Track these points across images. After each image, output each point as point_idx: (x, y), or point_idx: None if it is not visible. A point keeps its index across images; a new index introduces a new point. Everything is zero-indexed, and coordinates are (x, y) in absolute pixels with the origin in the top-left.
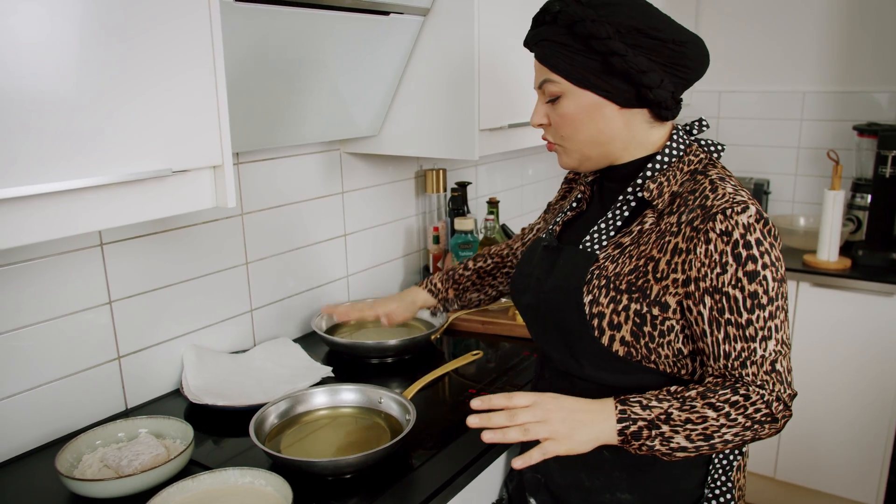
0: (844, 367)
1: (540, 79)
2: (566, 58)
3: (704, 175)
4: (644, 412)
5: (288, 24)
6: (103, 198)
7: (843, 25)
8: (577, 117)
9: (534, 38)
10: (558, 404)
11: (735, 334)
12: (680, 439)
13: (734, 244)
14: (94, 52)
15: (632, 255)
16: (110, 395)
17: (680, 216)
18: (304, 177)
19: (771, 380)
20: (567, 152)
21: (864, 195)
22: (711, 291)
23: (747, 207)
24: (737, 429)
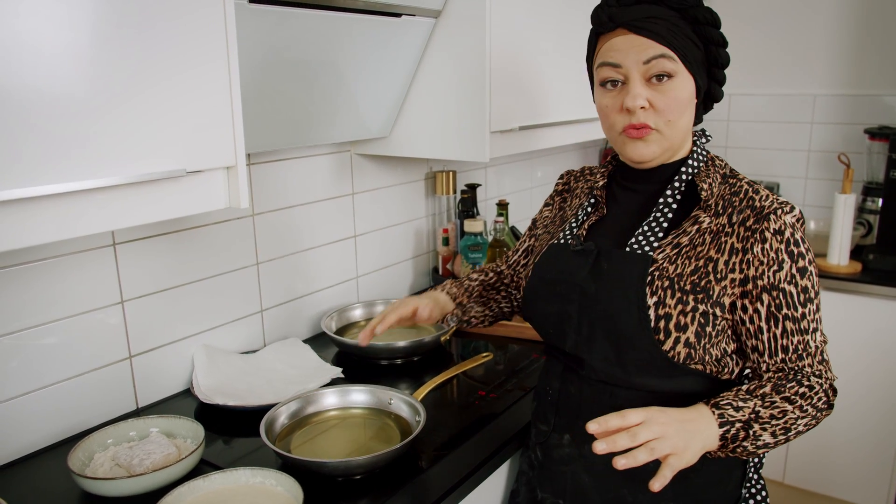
0: (855, 372)
1: (651, 54)
2: (679, 38)
3: (734, 178)
4: (738, 413)
5: (300, 26)
6: (117, 198)
7: (853, 28)
8: (685, 102)
9: (641, 14)
10: (668, 417)
11: (792, 328)
12: (767, 437)
13: (787, 242)
14: (109, 53)
15: (690, 256)
16: (122, 394)
17: (730, 217)
18: (314, 178)
19: (824, 368)
20: (662, 139)
21: (875, 199)
22: (769, 288)
23: (793, 208)
24: (807, 419)
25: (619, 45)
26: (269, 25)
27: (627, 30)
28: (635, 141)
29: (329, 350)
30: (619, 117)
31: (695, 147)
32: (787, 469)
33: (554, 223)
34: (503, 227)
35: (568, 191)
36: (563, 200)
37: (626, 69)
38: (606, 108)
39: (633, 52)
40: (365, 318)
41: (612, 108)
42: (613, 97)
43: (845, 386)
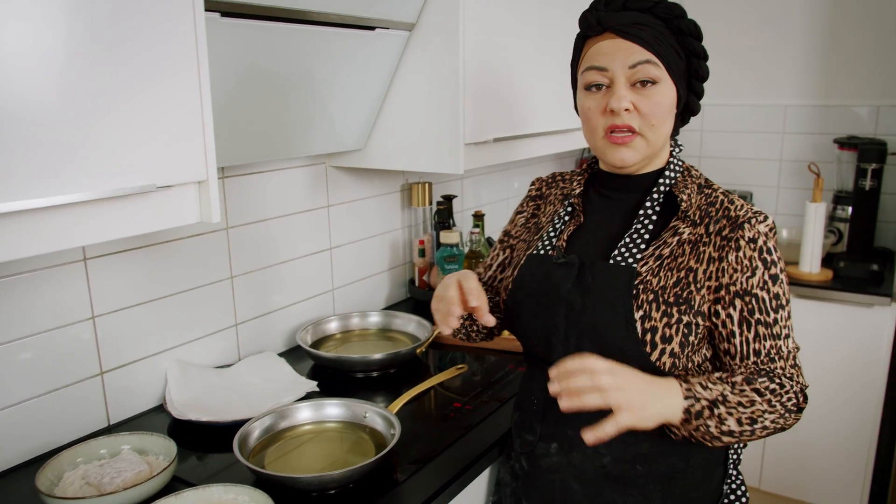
0: (828, 377)
1: (636, 59)
2: (664, 47)
3: (710, 188)
4: (706, 392)
5: (274, 39)
6: (87, 214)
7: (822, 41)
8: (667, 109)
9: (629, 20)
10: (633, 374)
11: (765, 333)
12: (731, 422)
13: (759, 250)
14: (78, 68)
15: (671, 268)
16: (93, 411)
17: (707, 227)
18: (289, 191)
19: (796, 372)
20: (645, 144)
21: (844, 207)
22: (742, 294)
23: (766, 217)
24: (775, 415)
25: (605, 49)
26: (243, 39)
27: (615, 34)
28: (618, 146)
29: (305, 363)
30: (603, 119)
31: (671, 157)
32: (764, 474)
33: (529, 231)
34: (479, 238)
35: (541, 197)
36: (537, 207)
37: (611, 73)
38: (590, 109)
39: (619, 56)
40: (340, 331)
41: (595, 110)
42: (597, 99)
43: (818, 392)
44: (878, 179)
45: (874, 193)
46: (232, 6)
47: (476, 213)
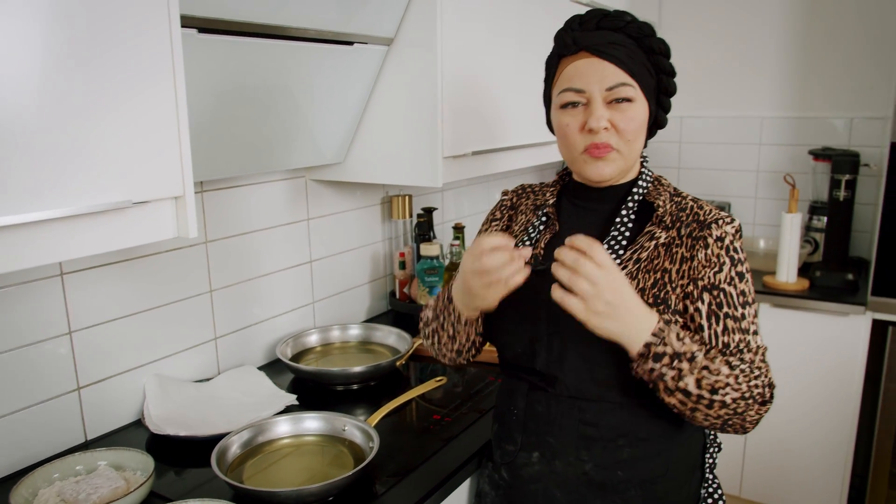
0: (805, 386)
1: (614, 80)
2: (638, 66)
3: (679, 196)
4: (677, 343)
5: (252, 55)
6: (62, 230)
7: (797, 54)
8: (641, 125)
9: (604, 39)
10: (621, 289)
11: (733, 326)
12: (690, 381)
13: (726, 248)
14: (53, 84)
15: (648, 270)
16: (69, 426)
17: (679, 230)
18: (269, 204)
19: (765, 367)
20: (622, 159)
21: (820, 217)
22: (710, 288)
23: (733, 220)
24: (737, 395)
25: (582, 69)
26: (221, 54)
27: (590, 53)
28: (596, 161)
29: (285, 377)
30: (580, 137)
31: (643, 168)
32: (744, 482)
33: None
34: (459, 251)
35: (513, 207)
36: (509, 218)
37: (589, 93)
38: (567, 126)
39: (596, 76)
40: (321, 344)
41: (572, 128)
42: (574, 116)
43: (796, 400)
44: (851, 190)
45: (848, 204)
46: (209, 22)
47: (456, 225)
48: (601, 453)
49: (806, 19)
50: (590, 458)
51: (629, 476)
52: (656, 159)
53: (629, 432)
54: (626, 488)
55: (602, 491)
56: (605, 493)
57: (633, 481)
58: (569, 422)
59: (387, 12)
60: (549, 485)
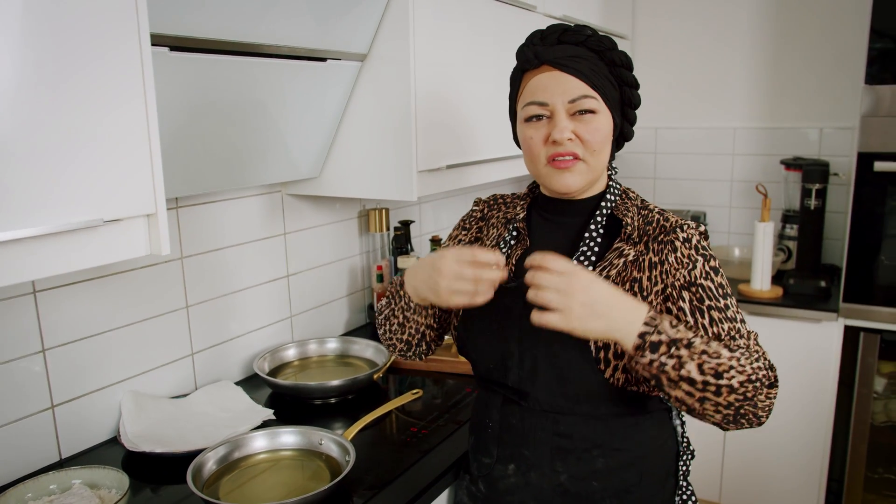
0: (781, 392)
1: (576, 93)
2: (600, 78)
3: (646, 209)
4: (671, 330)
5: (226, 72)
6: (34, 249)
7: (768, 66)
8: (605, 136)
9: (565, 53)
10: (590, 287)
11: (719, 317)
12: (692, 367)
13: (695, 248)
14: (23, 103)
15: (617, 282)
16: (43, 445)
17: (646, 243)
18: (245, 219)
19: (761, 350)
20: (587, 169)
21: (792, 226)
22: (687, 286)
23: (699, 225)
24: (743, 377)
25: (545, 83)
26: (194, 72)
27: (552, 67)
28: (562, 172)
29: (262, 391)
30: (545, 149)
31: (610, 181)
32: (723, 489)
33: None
34: None
35: (483, 219)
36: (479, 230)
37: (552, 106)
38: (531, 139)
39: (558, 89)
40: (298, 358)
41: (536, 140)
42: (538, 129)
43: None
44: (822, 199)
45: (819, 212)
46: (180, 41)
47: (433, 237)
48: (576, 464)
49: (776, 33)
50: (564, 469)
51: (604, 486)
52: (632, 170)
53: (603, 443)
54: (601, 498)
55: (578, 501)
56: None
57: (608, 491)
58: (543, 434)
59: (360, 29)
60: (526, 497)
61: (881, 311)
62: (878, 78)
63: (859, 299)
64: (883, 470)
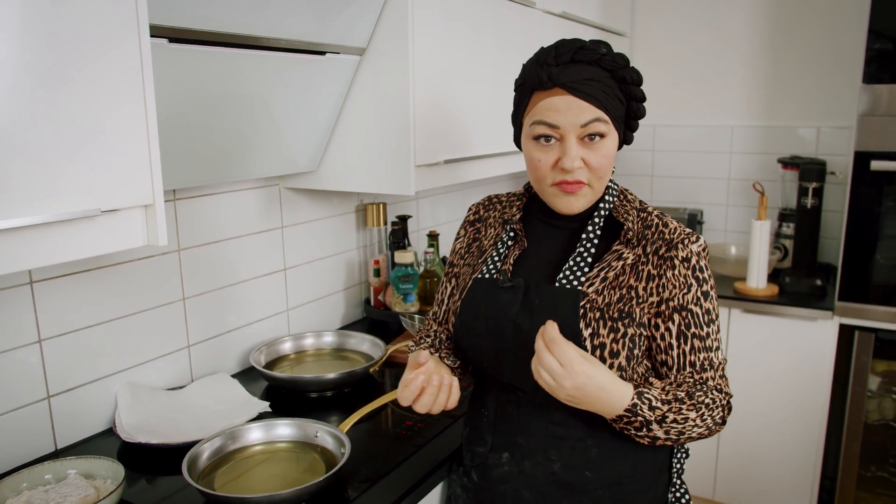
0: (775, 389)
1: (588, 118)
2: (611, 99)
3: (645, 211)
4: (649, 413)
5: (225, 64)
6: (32, 238)
7: (766, 65)
8: (612, 158)
9: (577, 76)
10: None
11: (699, 346)
12: (659, 433)
13: (693, 269)
14: (21, 92)
15: (614, 286)
16: (39, 435)
17: (644, 248)
18: (243, 212)
19: (723, 383)
20: (592, 193)
21: (789, 224)
22: (679, 309)
23: (698, 238)
24: (702, 429)
25: (557, 106)
26: (193, 64)
27: (565, 90)
28: (567, 195)
29: (258, 384)
30: (552, 173)
31: (609, 183)
32: (717, 486)
33: (472, 254)
34: (433, 258)
35: (479, 220)
36: (477, 231)
37: (562, 130)
38: (538, 161)
39: (571, 113)
40: (294, 352)
41: (544, 164)
42: (546, 152)
43: (766, 403)
44: (819, 198)
45: (816, 211)
46: (180, 32)
47: (431, 232)
48: (569, 453)
49: (775, 32)
50: (558, 457)
51: (597, 477)
52: (630, 168)
53: (596, 432)
54: (593, 489)
55: (570, 491)
56: (572, 494)
57: (601, 482)
58: (537, 422)
59: (359, 22)
60: (518, 485)
61: (876, 309)
62: (875, 77)
63: (855, 298)
64: (876, 468)
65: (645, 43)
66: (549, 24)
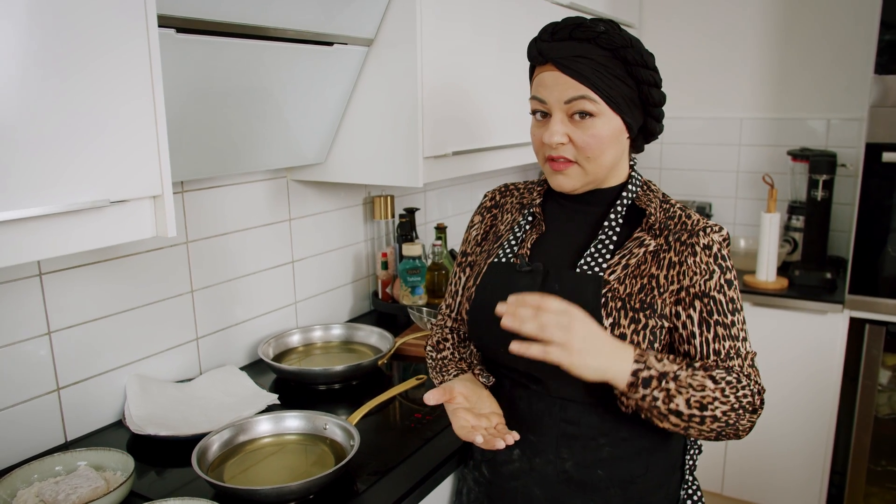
0: (785, 383)
1: (571, 94)
2: (606, 79)
3: (668, 203)
4: (658, 364)
5: (232, 55)
6: (40, 228)
7: (775, 57)
8: (606, 140)
9: (568, 52)
10: (587, 323)
11: (724, 333)
12: (680, 401)
13: (714, 256)
14: (30, 83)
15: (636, 275)
16: (49, 427)
17: (667, 237)
18: (250, 204)
19: (753, 373)
20: (582, 173)
21: (799, 217)
22: (700, 296)
23: (721, 228)
24: (726, 407)
25: (546, 81)
26: (200, 54)
27: (555, 66)
28: (556, 173)
29: (267, 377)
30: (543, 147)
31: (632, 172)
32: (725, 480)
33: (487, 240)
34: (441, 251)
35: (496, 206)
36: (494, 217)
37: (549, 105)
38: (534, 136)
39: (556, 89)
40: (303, 344)
41: (536, 138)
42: (539, 127)
43: (776, 397)
44: (829, 190)
45: (826, 204)
46: (187, 22)
47: (438, 225)
48: (581, 452)
49: (784, 22)
50: (570, 456)
51: (609, 475)
52: (638, 160)
53: (610, 431)
54: (605, 487)
55: (581, 489)
56: (584, 492)
57: (613, 480)
58: (550, 420)
59: (367, 13)
60: (529, 482)
61: (887, 302)
62: (887, 68)
63: (865, 291)
64: (886, 462)
65: (653, 34)
66: (558, 15)
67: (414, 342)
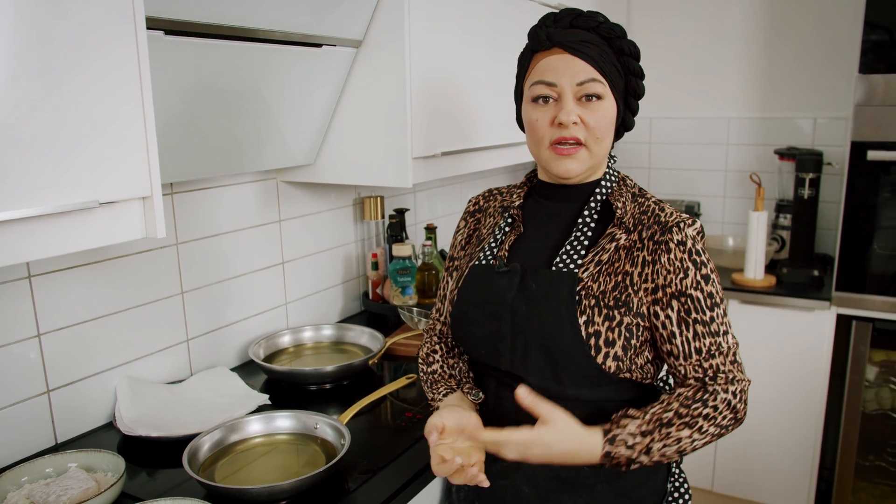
0: (773, 380)
1: (583, 77)
2: (608, 65)
3: (643, 197)
4: (627, 451)
5: (221, 56)
6: (29, 230)
7: (763, 57)
8: (609, 122)
9: (576, 37)
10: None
11: (703, 331)
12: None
13: (689, 252)
14: (18, 84)
15: (609, 273)
16: (39, 430)
17: (640, 233)
18: (240, 206)
19: (735, 368)
20: (589, 156)
21: (786, 215)
22: (677, 295)
23: (694, 222)
24: (707, 438)
25: (554, 64)
26: (189, 56)
27: (563, 49)
28: (563, 157)
29: (258, 377)
30: (550, 131)
31: (608, 168)
32: (716, 477)
33: (471, 244)
34: (431, 251)
35: (480, 211)
36: (477, 221)
37: (560, 88)
38: (536, 121)
39: (568, 72)
40: (293, 345)
41: (542, 123)
42: (545, 111)
43: (764, 394)
44: (815, 188)
45: (812, 202)
46: (176, 24)
47: (428, 225)
48: None
49: (770, 23)
50: None
51: (595, 471)
52: (626, 160)
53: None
54: (593, 483)
55: (569, 486)
56: (572, 488)
57: (600, 476)
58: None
59: (355, 14)
60: (518, 480)
61: (874, 299)
62: (871, 67)
63: (852, 288)
64: (874, 457)
65: (641, 35)
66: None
67: (404, 342)
